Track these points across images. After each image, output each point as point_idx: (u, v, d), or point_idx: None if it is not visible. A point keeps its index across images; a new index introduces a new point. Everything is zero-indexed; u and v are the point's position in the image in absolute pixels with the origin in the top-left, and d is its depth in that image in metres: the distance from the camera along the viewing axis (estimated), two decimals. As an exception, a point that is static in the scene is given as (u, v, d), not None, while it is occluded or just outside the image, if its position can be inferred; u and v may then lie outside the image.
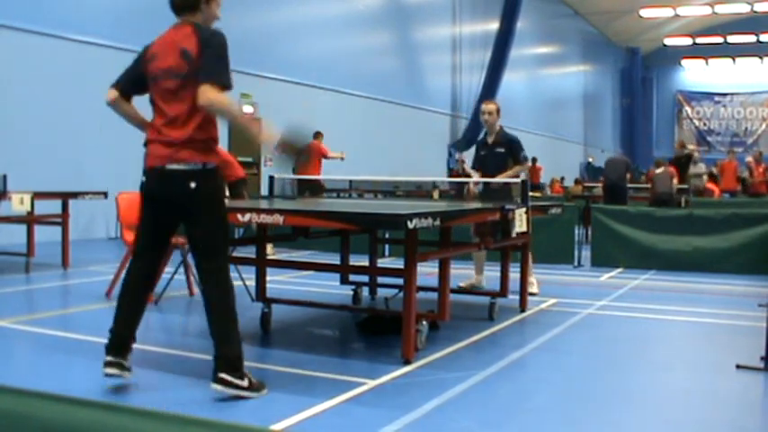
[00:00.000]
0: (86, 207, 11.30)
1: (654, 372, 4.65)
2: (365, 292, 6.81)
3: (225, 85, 3.60)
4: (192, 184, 3.64)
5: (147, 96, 3.84)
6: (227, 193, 6.44)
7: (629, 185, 14.31)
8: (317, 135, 14.41)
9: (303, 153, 3.82)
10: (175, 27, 3.76)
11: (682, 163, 15.79)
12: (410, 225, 4.05)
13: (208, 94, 3.50)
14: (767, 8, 31.12)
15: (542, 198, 15.95)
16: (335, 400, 3.69)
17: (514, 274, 6.34)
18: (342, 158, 14.19)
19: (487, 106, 7.46)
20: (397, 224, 4.16)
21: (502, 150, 7.31)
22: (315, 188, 13.30)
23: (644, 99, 41.50)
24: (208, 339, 5.09)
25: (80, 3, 12.13)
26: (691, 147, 15.77)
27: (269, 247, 7.25)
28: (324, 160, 14.09)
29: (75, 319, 5.95)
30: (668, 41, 38.51)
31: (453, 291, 5.22)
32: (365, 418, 3.47)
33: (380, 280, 6.71)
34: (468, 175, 18.86)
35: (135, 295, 3.95)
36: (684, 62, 40.91)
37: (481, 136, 7.70)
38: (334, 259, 6.93)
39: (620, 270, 9.35)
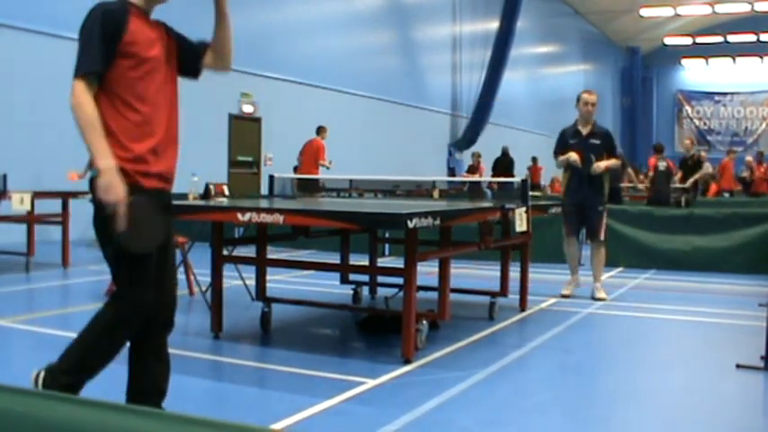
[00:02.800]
0: (86, 206, 11.26)
1: (654, 371, 4.65)
2: (365, 291, 6.81)
3: (83, 73, 2.83)
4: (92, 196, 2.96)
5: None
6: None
7: (629, 185, 14.20)
8: (320, 130, 14.32)
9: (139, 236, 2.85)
10: None
11: (688, 165, 15.32)
12: (410, 224, 4.06)
13: (71, 95, 2.83)
14: (767, 8, 31.10)
15: (542, 198, 15.93)
16: (335, 400, 3.69)
17: (514, 274, 6.33)
18: (327, 167, 14.07)
19: (591, 97, 7.24)
20: (398, 223, 4.16)
21: (597, 142, 7.15)
22: (312, 187, 13.29)
23: (644, 98, 41.46)
24: (208, 338, 5.11)
25: (80, 3, 12.11)
26: (689, 148, 15.34)
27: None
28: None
29: (75, 319, 5.95)
30: (668, 41, 38.48)
31: (453, 290, 5.22)
32: (365, 418, 3.47)
33: (380, 279, 6.70)
34: (479, 172, 18.50)
35: None
36: (684, 62, 40.87)
37: (568, 127, 7.44)
38: (335, 259, 6.93)
39: (620, 269, 9.34)
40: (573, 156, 7.08)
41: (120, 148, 2.85)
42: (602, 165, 7.04)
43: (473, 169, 19.69)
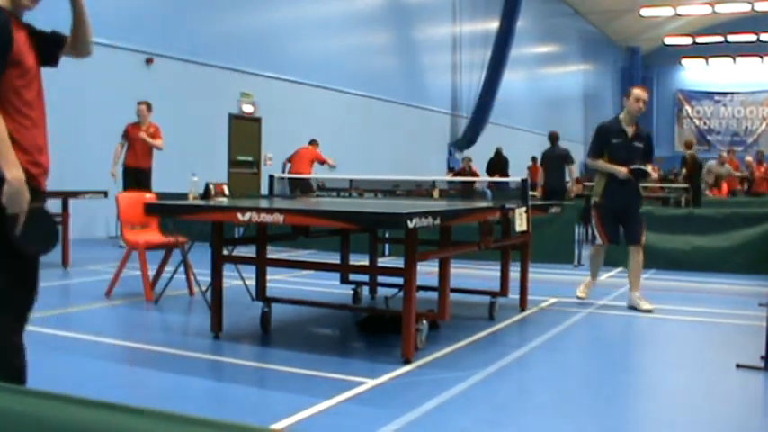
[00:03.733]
0: (86, 206, 11.29)
1: (654, 371, 4.65)
2: (365, 291, 6.81)
3: None
4: None
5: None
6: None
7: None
8: (313, 143, 14.40)
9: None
10: None
11: (688, 166, 15.32)
12: (410, 224, 4.05)
13: None
14: (767, 8, 31.10)
15: (542, 197, 15.92)
16: (335, 400, 3.69)
17: (514, 274, 6.34)
18: (334, 166, 14.17)
19: (644, 93, 6.66)
20: (398, 223, 4.16)
21: (641, 146, 6.63)
22: (305, 187, 13.31)
23: (644, 98, 41.45)
24: (208, 338, 5.11)
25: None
26: (689, 151, 15.35)
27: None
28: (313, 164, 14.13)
29: (75, 319, 5.96)
30: (668, 41, 38.50)
31: (453, 290, 5.22)
32: (365, 418, 3.47)
33: (380, 279, 6.70)
34: (474, 174, 18.49)
35: None
36: (684, 61, 40.89)
37: (610, 122, 6.88)
38: (334, 258, 6.93)
39: (620, 269, 9.33)
40: (622, 172, 6.53)
41: (24, 154, 2.95)
42: (653, 173, 6.66)
43: (464, 174, 19.71)
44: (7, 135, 2.85)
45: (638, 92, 6.68)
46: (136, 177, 10.40)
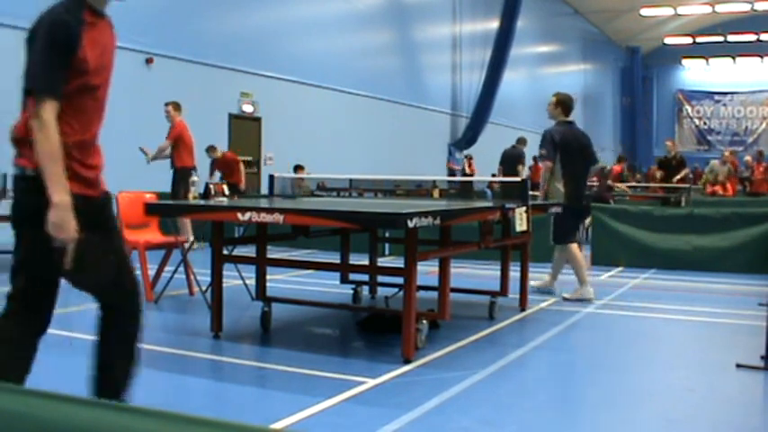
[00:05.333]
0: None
1: (654, 370, 4.65)
2: (365, 291, 6.81)
3: (45, 93, 2.71)
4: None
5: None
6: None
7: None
8: (213, 148, 13.39)
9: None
10: None
11: (672, 165, 15.23)
12: (410, 224, 4.06)
13: (34, 113, 2.71)
14: (767, 7, 31.10)
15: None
16: (336, 399, 3.69)
17: (514, 273, 6.34)
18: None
19: (552, 98, 7.25)
20: (397, 223, 4.16)
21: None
22: (236, 191, 12.84)
23: (644, 98, 41.48)
24: (208, 338, 5.11)
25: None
26: (672, 149, 15.26)
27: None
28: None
29: (75, 318, 5.94)
30: (668, 40, 38.49)
31: (453, 290, 5.22)
32: (365, 417, 3.47)
33: (380, 279, 6.70)
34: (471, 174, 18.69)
35: None
36: (685, 61, 40.87)
37: None
38: (335, 258, 6.93)
39: (620, 269, 9.34)
40: None
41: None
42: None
43: (464, 174, 19.67)
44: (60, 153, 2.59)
45: None
46: (176, 176, 10.25)
